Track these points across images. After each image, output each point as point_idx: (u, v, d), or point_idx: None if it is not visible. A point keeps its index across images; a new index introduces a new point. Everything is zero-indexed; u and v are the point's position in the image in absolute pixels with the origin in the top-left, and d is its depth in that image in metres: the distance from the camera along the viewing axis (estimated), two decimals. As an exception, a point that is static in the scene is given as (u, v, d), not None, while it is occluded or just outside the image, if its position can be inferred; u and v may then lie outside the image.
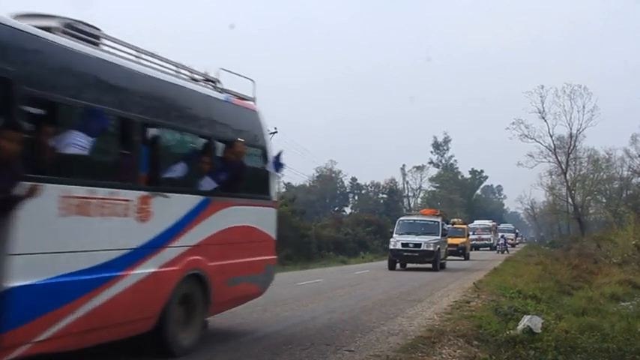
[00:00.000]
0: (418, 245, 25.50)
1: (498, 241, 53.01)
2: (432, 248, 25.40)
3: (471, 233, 52.56)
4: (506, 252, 47.74)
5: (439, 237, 26.29)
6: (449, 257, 34.55)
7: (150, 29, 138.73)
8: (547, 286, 17.49)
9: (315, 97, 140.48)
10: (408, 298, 14.62)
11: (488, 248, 54.41)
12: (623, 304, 15.56)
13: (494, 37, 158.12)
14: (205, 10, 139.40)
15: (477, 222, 61.61)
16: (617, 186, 63.54)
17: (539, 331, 9.32)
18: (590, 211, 66.38)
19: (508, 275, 20.13)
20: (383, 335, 9.28)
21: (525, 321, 9.60)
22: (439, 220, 27.81)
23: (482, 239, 56.20)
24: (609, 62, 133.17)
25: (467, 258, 37.38)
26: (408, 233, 26.29)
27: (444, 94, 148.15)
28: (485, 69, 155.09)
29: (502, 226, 73.16)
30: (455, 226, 39.18)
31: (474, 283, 17.17)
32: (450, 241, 33.96)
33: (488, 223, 61.26)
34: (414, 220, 28.19)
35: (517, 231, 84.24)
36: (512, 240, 65.29)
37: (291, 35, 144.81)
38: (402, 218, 29.34)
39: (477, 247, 52.67)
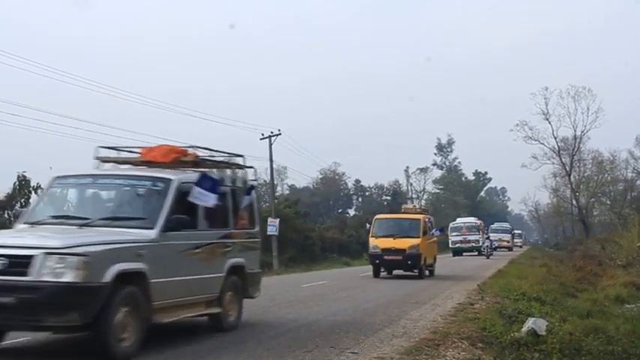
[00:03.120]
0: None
1: (483, 242, 43.61)
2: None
3: (455, 234, 47.15)
4: (491, 256, 40.21)
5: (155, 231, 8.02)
6: (398, 272, 22.64)
7: (149, 29, 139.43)
8: (551, 288, 17.44)
9: (318, 99, 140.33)
10: (411, 300, 14.59)
11: (476, 253, 44.64)
12: (627, 306, 15.52)
13: (495, 38, 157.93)
14: (205, 10, 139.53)
15: (460, 219, 52.61)
16: (621, 188, 63.43)
17: (544, 333, 9.30)
18: (595, 213, 66.33)
19: (512, 277, 20.08)
20: (387, 337, 9.27)
21: (530, 323, 9.58)
22: (170, 177, 8.62)
23: (469, 241, 46.36)
24: (613, 64, 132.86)
25: (424, 274, 22.25)
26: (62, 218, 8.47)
27: (447, 95, 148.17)
28: (487, 70, 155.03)
29: (496, 225, 62.07)
30: (400, 215, 25.33)
31: (478, 285, 17.14)
32: (391, 243, 21.79)
33: (474, 220, 51.45)
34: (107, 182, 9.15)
35: (516, 231, 71.73)
36: (507, 242, 57.03)
37: (291, 35, 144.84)
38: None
39: (460, 252, 45.56)
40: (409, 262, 21.70)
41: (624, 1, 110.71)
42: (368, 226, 24.56)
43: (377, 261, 22.33)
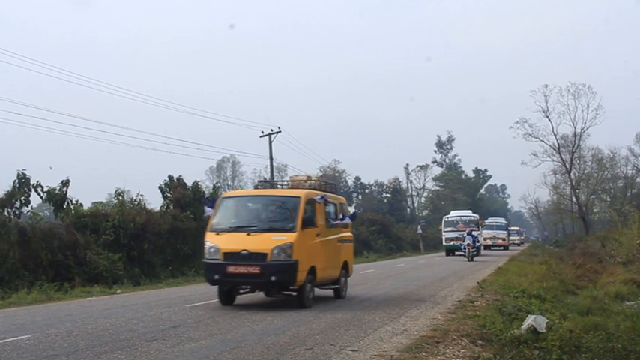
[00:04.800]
0: None
1: (464, 240, 35.51)
2: None
3: (450, 229, 42.46)
4: (474, 258, 33.89)
5: None
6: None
7: (150, 29, 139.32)
8: (551, 285, 17.46)
9: (318, 97, 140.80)
10: (411, 297, 14.61)
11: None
12: (627, 303, 15.53)
13: (495, 38, 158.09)
14: (205, 10, 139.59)
15: (455, 213, 47.48)
16: (621, 185, 63.46)
17: (544, 330, 9.30)
18: (595, 211, 66.34)
19: (512, 275, 20.09)
20: (387, 335, 9.28)
21: (529, 320, 9.58)
22: None
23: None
24: (613, 63, 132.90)
25: (306, 299, 12.59)
26: None
27: (448, 95, 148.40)
28: (487, 70, 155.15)
29: (490, 220, 56.41)
30: (262, 192, 14.60)
31: (477, 283, 17.15)
32: (242, 243, 12.23)
33: (471, 214, 45.98)
34: None
35: (512, 228, 66.93)
36: (503, 240, 52.92)
37: (291, 36, 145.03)
38: None
39: (453, 251, 40.21)
40: (274, 278, 12.01)
41: (624, 1, 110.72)
42: (208, 211, 13.57)
43: (216, 276, 12.33)
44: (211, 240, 12.55)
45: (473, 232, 35.64)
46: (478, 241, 37.29)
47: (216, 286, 12.82)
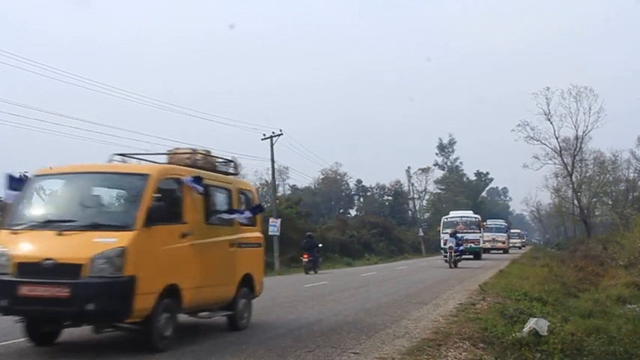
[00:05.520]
0: None
1: (446, 242, 32.08)
2: None
3: (449, 231, 35.83)
4: (456, 264, 29.40)
5: None
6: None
7: (150, 29, 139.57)
8: (553, 288, 17.44)
9: (318, 97, 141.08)
10: (413, 300, 14.59)
11: (472, 256, 36.35)
12: (629, 306, 15.52)
13: (495, 38, 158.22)
14: (205, 10, 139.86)
15: (454, 213, 44.27)
16: (623, 188, 63.34)
17: (545, 333, 9.30)
18: (596, 213, 66.27)
19: (514, 277, 20.08)
20: (388, 338, 9.27)
21: (531, 323, 9.58)
22: None
23: (466, 241, 35.62)
24: (614, 63, 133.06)
25: (157, 337, 7.86)
26: None
27: (448, 95, 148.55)
28: (487, 70, 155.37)
29: (489, 222, 52.35)
30: (84, 167, 8.94)
31: (479, 286, 17.13)
32: (45, 248, 7.53)
33: (472, 215, 42.61)
34: None
35: (512, 230, 64.65)
36: (503, 243, 50.28)
37: (291, 36, 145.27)
38: None
39: None
40: (91, 307, 7.29)
41: (624, 1, 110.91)
42: (10, 196, 8.79)
43: (2, 301, 7.58)
44: (2, 243, 7.89)
45: (457, 234, 31.19)
46: (479, 244, 36.89)
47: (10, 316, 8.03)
